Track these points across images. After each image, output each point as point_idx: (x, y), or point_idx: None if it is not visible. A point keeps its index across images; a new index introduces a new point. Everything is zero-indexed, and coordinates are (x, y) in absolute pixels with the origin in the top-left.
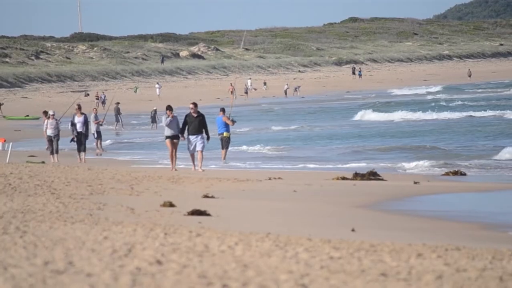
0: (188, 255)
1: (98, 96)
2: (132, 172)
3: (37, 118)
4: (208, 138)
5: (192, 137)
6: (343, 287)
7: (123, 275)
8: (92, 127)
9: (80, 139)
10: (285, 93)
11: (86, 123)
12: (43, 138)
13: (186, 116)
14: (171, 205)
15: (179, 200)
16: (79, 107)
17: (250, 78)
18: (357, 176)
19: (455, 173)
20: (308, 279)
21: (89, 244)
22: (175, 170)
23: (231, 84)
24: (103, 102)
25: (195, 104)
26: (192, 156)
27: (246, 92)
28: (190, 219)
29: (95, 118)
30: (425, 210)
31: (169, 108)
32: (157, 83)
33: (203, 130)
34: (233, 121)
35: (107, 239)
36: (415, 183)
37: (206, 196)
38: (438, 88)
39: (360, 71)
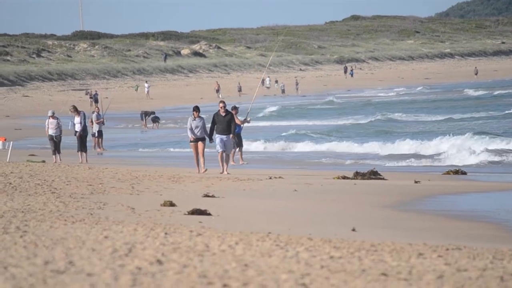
0: (188, 255)
1: (91, 94)
2: (132, 171)
3: None
4: (233, 137)
5: (221, 137)
6: (343, 286)
7: (123, 275)
8: (94, 126)
9: (81, 139)
10: (283, 92)
11: (84, 122)
12: (43, 136)
13: (215, 115)
14: (171, 204)
15: (179, 200)
16: (75, 108)
17: (268, 76)
18: (358, 175)
19: (456, 172)
20: (308, 279)
21: (90, 243)
22: (204, 171)
23: (216, 82)
24: (96, 101)
25: (224, 103)
26: (222, 157)
27: (240, 90)
28: (190, 219)
29: (97, 117)
30: (425, 209)
31: (195, 109)
32: (146, 82)
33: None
34: (245, 121)
35: (107, 238)
36: (416, 182)
37: (206, 196)
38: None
39: (352, 71)
